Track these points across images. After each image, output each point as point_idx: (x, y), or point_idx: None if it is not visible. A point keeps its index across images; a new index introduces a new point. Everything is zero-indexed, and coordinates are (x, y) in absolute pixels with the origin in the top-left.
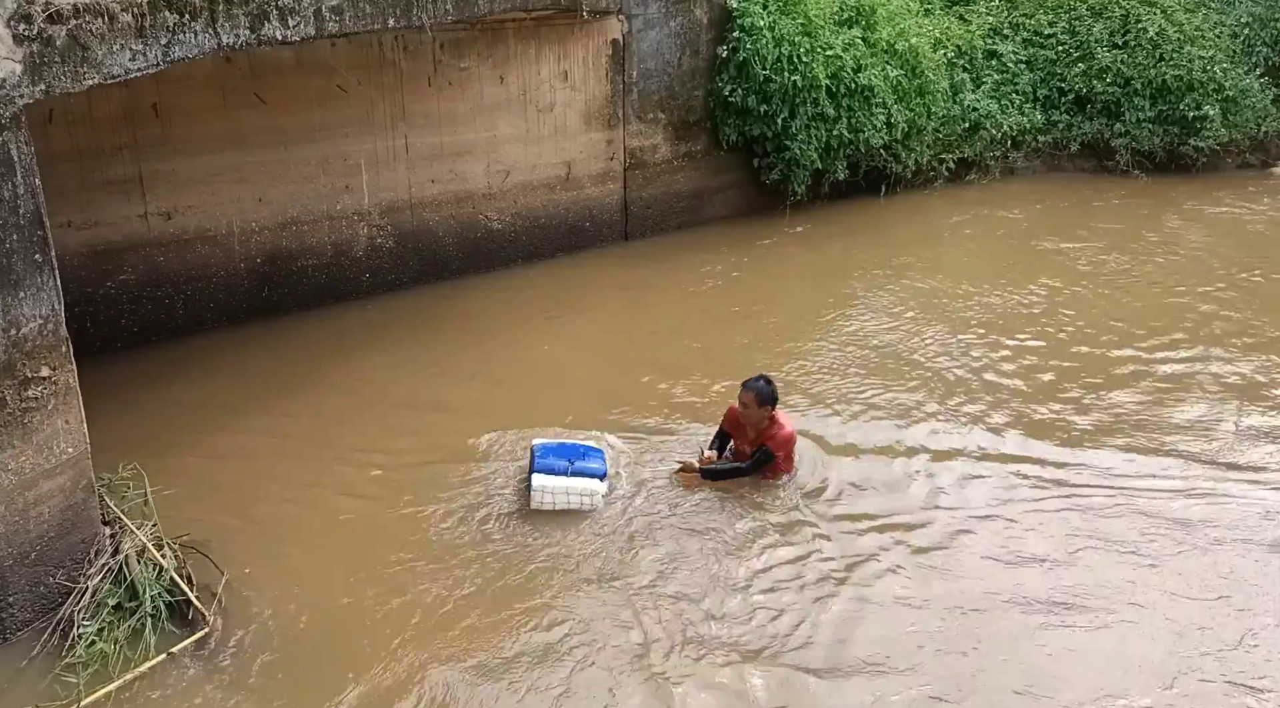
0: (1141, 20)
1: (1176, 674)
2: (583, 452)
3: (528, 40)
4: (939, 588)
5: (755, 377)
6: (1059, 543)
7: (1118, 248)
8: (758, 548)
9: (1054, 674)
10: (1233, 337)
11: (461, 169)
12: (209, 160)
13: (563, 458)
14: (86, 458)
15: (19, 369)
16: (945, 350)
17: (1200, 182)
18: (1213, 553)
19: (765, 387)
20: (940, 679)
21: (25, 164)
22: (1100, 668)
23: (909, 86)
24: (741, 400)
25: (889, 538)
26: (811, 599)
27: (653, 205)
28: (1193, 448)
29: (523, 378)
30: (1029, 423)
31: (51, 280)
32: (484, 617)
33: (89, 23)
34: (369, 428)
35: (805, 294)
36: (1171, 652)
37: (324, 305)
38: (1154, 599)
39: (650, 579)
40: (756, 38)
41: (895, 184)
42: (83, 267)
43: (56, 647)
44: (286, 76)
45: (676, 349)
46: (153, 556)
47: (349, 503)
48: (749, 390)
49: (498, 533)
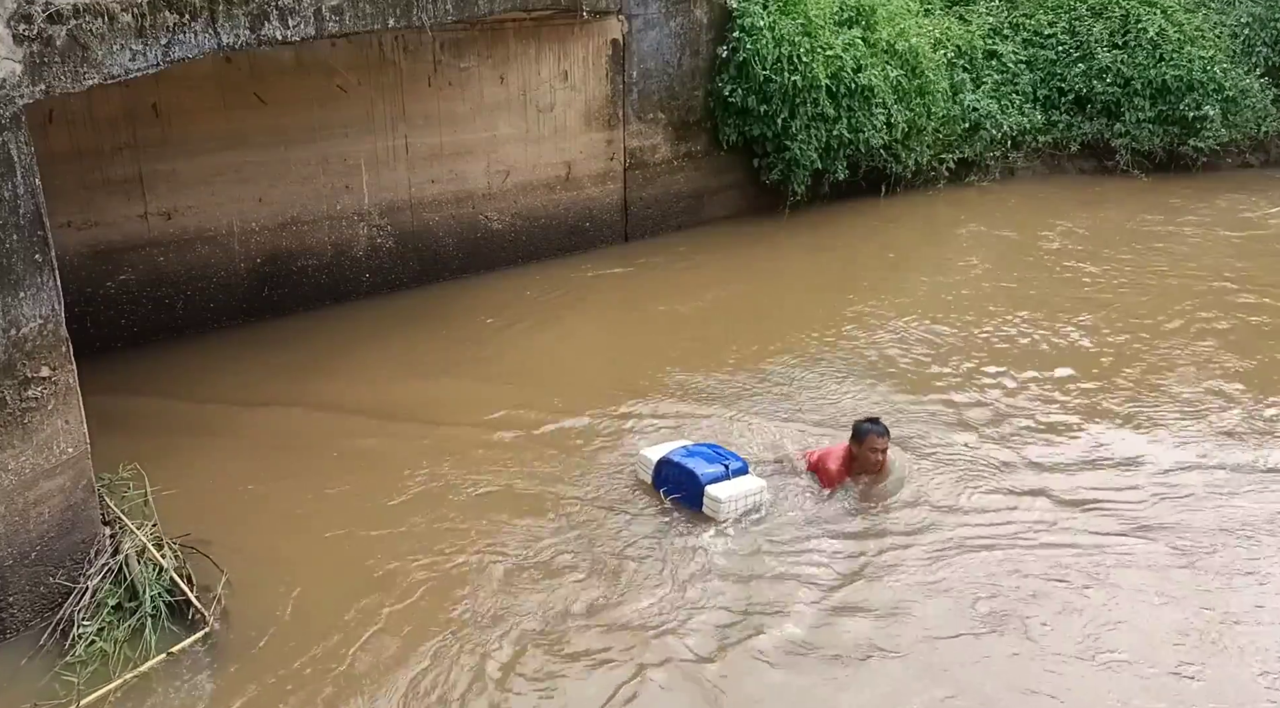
0: (1141, 20)
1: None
2: (713, 451)
3: (528, 40)
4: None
5: (870, 421)
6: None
7: (1118, 248)
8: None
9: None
10: (1240, 333)
11: (461, 169)
12: (209, 160)
13: (714, 463)
14: (86, 458)
15: (19, 369)
16: (945, 351)
17: (1200, 181)
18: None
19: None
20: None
21: (25, 164)
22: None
23: (909, 87)
24: (882, 446)
25: (891, 541)
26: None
27: (653, 205)
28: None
29: (523, 378)
30: (1028, 423)
31: (51, 280)
32: (486, 617)
33: (89, 23)
34: (369, 428)
35: (805, 294)
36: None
37: (324, 306)
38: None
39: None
40: (756, 38)
41: (895, 184)
42: (83, 267)
43: (56, 647)
44: (286, 76)
45: (676, 349)
46: (153, 556)
47: (349, 503)
48: (885, 436)
49: (499, 533)
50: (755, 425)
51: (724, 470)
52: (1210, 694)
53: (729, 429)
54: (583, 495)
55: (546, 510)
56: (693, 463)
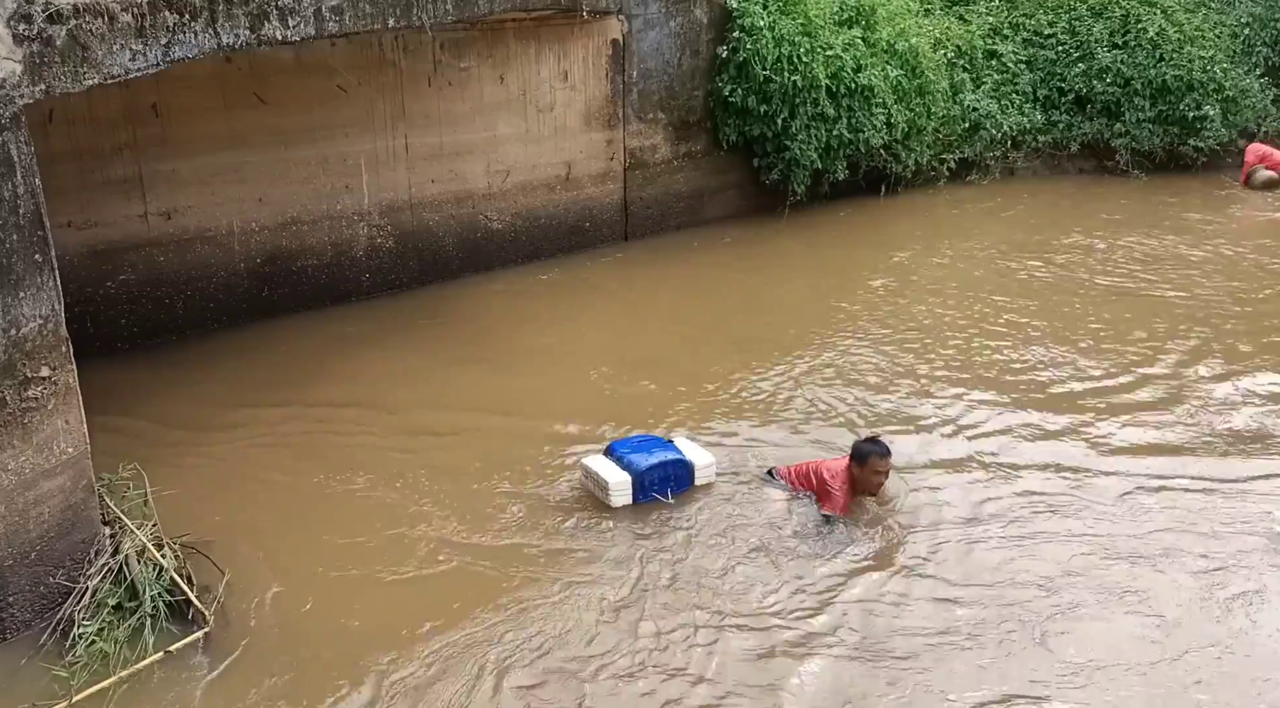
0: (1141, 20)
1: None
2: (639, 443)
3: (528, 40)
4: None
5: (871, 441)
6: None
7: (1118, 248)
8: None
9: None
10: (1243, 335)
11: (461, 169)
12: (209, 160)
13: (664, 446)
14: (87, 458)
15: (19, 369)
16: (945, 351)
17: (1200, 181)
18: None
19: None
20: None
21: (25, 164)
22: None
23: (909, 86)
24: (885, 468)
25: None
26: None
27: (653, 205)
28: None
29: (522, 378)
30: (1030, 423)
31: (51, 280)
32: (488, 617)
33: (89, 23)
34: (369, 428)
35: (805, 294)
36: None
37: (324, 306)
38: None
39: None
40: (756, 38)
41: (895, 184)
42: (83, 267)
43: (56, 647)
44: (286, 76)
45: (676, 349)
46: (153, 556)
47: (349, 503)
48: (887, 456)
49: (500, 532)
50: (755, 428)
51: (672, 445)
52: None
53: (729, 429)
54: (585, 496)
55: (549, 512)
56: (665, 454)
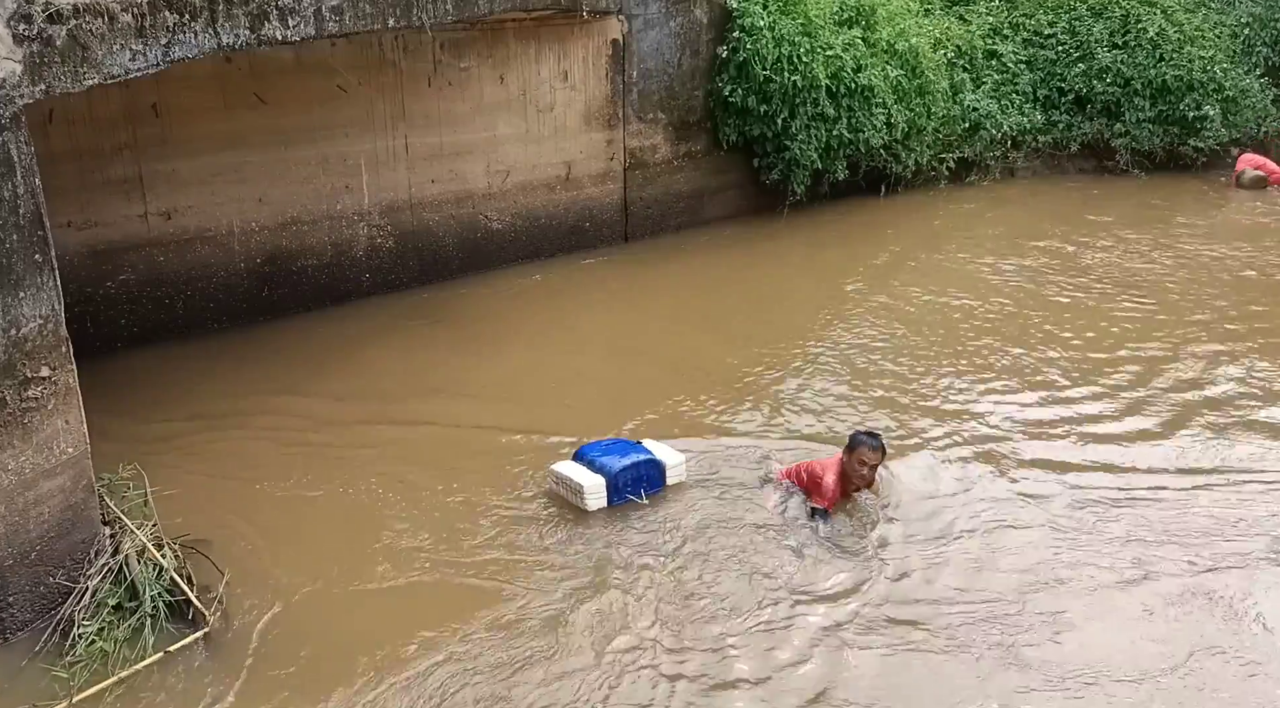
0: (1141, 20)
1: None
2: (609, 447)
3: (528, 40)
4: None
5: (868, 433)
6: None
7: (1118, 248)
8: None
9: None
10: (1246, 335)
11: (461, 169)
12: (209, 160)
13: (635, 448)
14: (86, 458)
15: (19, 369)
16: (946, 351)
17: (1200, 181)
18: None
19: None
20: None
21: (25, 164)
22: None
23: (909, 86)
24: (873, 461)
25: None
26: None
27: (653, 205)
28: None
29: (523, 378)
30: (1030, 423)
31: (51, 280)
32: (489, 618)
33: (89, 23)
34: (369, 428)
35: (805, 294)
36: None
37: (324, 306)
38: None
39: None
40: (756, 38)
41: (895, 184)
42: (83, 267)
43: (56, 647)
44: (286, 76)
45: (676, 349)
46: (153, 556)
47: (349, 503)
48: (879, 450)
49: (501, 535)
50: (755, 427)
51: (641, 446)
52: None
53: (729, 428)
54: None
55: (550, 513)
56: (636, 455)
